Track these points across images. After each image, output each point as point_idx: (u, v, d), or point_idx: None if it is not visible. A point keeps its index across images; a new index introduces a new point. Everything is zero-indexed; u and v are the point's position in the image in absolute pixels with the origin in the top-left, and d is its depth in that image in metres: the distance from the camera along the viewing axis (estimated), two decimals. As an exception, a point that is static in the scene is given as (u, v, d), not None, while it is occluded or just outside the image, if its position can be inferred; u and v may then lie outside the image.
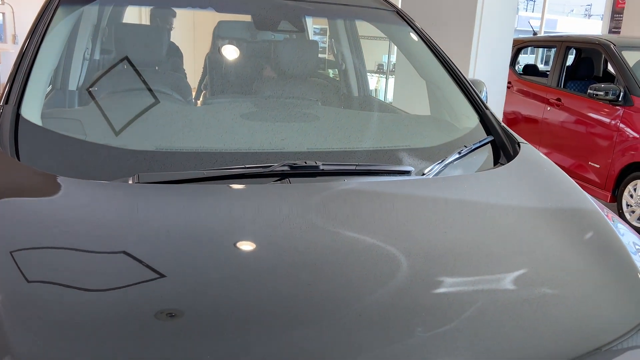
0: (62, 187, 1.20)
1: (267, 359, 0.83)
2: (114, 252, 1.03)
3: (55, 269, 0.98)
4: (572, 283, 1.12)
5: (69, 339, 0.83)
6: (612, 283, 1.15)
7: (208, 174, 1.27)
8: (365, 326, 0.91)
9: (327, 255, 1.09)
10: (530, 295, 1.05)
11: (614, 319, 1.04)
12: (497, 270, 1.11)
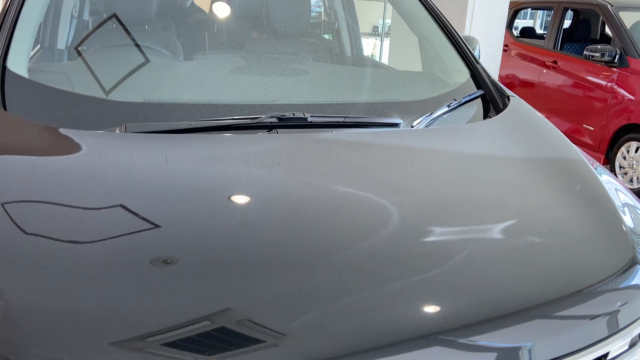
0: (52, 136, 1.20)
1: (260, 302, 0.85)
2: (105, 201, 1.04)
3: (46, 219, 0.99)
4: (558, 231, 1.14)
5: (65, 286, 0.85)
6: (596, 231, 1.17)
7: (195, 124, 1.27)
8: (355, 271, 0.92)
9: (317, 205, 1.10)
10: (517, 243, 1.07)
11: (597, 264, 1.06)
12: (485, 220, 1.13)
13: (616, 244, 1.13)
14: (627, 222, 1.21)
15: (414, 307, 0.88)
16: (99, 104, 1.33)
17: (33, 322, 0.79)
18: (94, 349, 0.76)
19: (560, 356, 0.88)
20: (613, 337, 0.94)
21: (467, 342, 0.85)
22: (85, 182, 1.10)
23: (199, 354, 0.77)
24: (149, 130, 1.24)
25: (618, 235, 1.16)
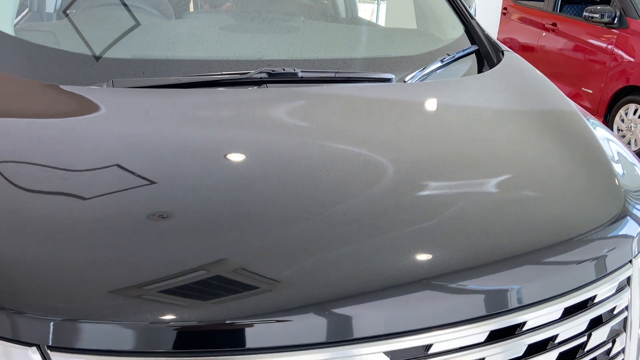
0: (43, 92, 1.19)
1: (255, 251, 0.86)
2: (97, 157, 1.04)
3: (36, 175, 0.98)
4: (550, 182, 1.14)
5: (61, 238, 0.85)
6: (588, 182, 1.17)
7: (184, 80, 1.25)
8: (349, 223, 0.93)
9: (312, 160, 1.10)
10: (509, 194, 1.07)
11: (588, 215, 1.07)
12: (478, 172, 1.13)
13: (607, 194, 1.13)
14: (619, 172, 1.21)
15: (406, 254, 0.88)
16: (86, 61, 1.32)
17: (31, 272, 0.80)
18: (92, 297, 0.77)
19: (548, 298, 0.89)
20: (600, 281, 0.95)
21: (456, 286, 0.86)
22: (75, 137, 1.09)
23: (196, 299, 0.78)
24: (136, 86, 1.22)
25: (609, 186, 1.16)
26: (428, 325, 0.82)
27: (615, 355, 0.97)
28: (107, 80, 1.23)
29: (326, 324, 0.79)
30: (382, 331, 0.81)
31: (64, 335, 0.75)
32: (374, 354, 0.79)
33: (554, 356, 0.90)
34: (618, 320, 0.98)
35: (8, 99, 1.19)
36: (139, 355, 0.75)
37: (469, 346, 0.84)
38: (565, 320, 0.91)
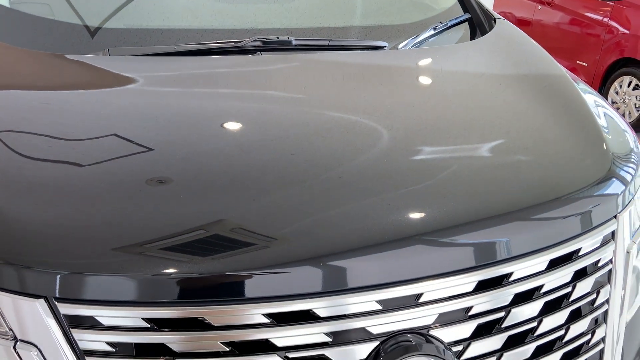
0: (37, 60, 1.21)
1: (253, 212, 0.88)
2: (94, 124, 1.06)
3: (38, 144, 1.01)
4: (540, 145, 1.16)
5: (69, 200, 0.88)
6: (577, 144, 1.20)
7: (179, 48, 1.27)
8: (345, 185, 0.96)
9: (307, 126, 1.12)
10: (500, 155, 1.11)
11: (575, 175, 1.10)
12: (470, 134, 1.16)
13: (595, 156, 1.16)
14: (606, 135, 1.24)
15: (399, 212, 0.92)
16: (82, 32, 1.33)
17: (39, 230, 0.83)
18: (96, 252, 0.80)
19: (534, 251, 0.93)
20: (585, 235, 0.99)
21: (446, 240, 0.90)
22: (72, 104, 1.11)
23: (195, 254, 0.81)
24: (132, 54, 1.24)
25: (597, 148, 1.19)
26: (419, 276, 0.86)
27: (600, 306, 1.01)
28: (103, 50, 1.25)
29: (323, 275, 0.83)
30: (375, 282, 0.84)
31: (70, 287, 0.78)
32: (368, 302, 0.83)
33: (539, 305, 0.94)
34: (602, 273, 1.02)
35: (6, 68, 1.21)
36: (141, 306, 0.78)
37: (458, 295, 0.88)
38: (551, 272, 0.94)
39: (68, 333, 0.78)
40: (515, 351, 0.91)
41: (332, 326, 0.82)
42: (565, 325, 0.97)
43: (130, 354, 0.79)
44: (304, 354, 0.81)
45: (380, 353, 0.83)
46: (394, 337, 0.84)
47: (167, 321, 0.79)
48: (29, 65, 1.21)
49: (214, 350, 0.79)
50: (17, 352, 0.78)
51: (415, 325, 0.85)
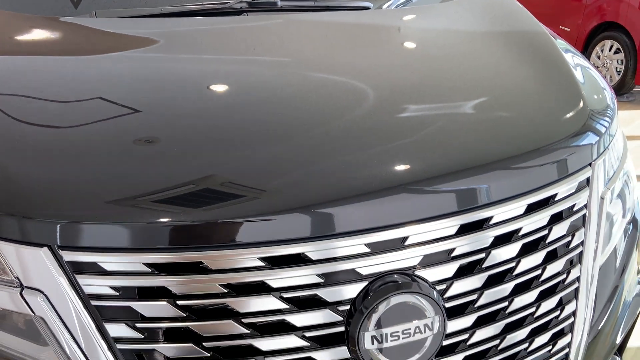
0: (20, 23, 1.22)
1: (247, 168, 0.92)
2: (81, 87, 1.09)
3: (36, 105, 1.03)
4: (521, 100, 1.21)
5: (69, 156, 0.91)
6: (555, 99, 1.25)
7: (165, 10, 1.29)
8: (332, 140, 0.99)
9: (295, 86, 1.15)
10: (480, 110, 1.15)
11: (553, 126, 1.15)
12: (452, 89, 1.20)
13: (572, 109, 1.21)
14: (583, 89, 1.29)
15: (386, 163, 0.96)
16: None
17: (41, 183, 0.87)
18: (96, 202, 0.84)
19: (512, 196, 0.98)
20: (561, 181, 1.04)
21: (430, 188, 0.94)
22: (59, 67, 1.13)
23: (192, 204, 0.85)
24: (118, 16, 1.25)
25: (574, 102, 1.24)
26: (404, 220, 0.91)
27: (574, 248, 1.07)
28: (89, 11, 1.26)
29: (313, 221, 0.87)
30: (363, 226, 0.89)
31: (73, 235, 0.82)
32: (356, 245, 0.88)
33: (517, 247, 0.99)
34: (577, 217, 1.07)
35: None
36: (142, 252, 0.83)
37: (441, 238, 0.93)
38: (528, 216, 1.00)
39: (72, 279, 0.82)
40: (495, 289, 0.97)
41: (323, 268, 0.87)
42: (542, 265, 1.02)
43: (133, 297, 0.83)
44: (297, 294, 0.86)
45: (369, 292, 0.88)
46: (381, 278, 0.89)
47: (167, 266, 0.83)
48: (19, 28, 1.22)
49: (213, 292, 0.84)
50: (24, 298, 0.82)
51: (402, 266, 0.90)
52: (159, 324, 0.84)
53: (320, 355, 0.88)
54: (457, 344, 0.97)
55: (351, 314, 0.88)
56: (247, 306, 0.85)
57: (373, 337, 0.87)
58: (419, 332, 0.89)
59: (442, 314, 0.91)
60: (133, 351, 0.84)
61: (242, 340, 0.85)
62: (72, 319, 0.82)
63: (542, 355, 1.06)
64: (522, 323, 1.02)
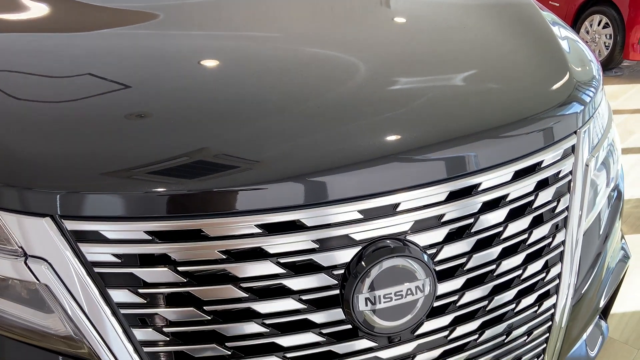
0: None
1: (243, 139, 0.93)
2: (78, 61, 1.10)
3: (23, 82, 1.05)
4: (509, 71, 1.23)
5: (65, 133, 0.92)
6: (542, 70, 1.27)
7: None
8: (323, 113, 1.01)
9: (285, 61, 1.17)
10: (470, 80, 1.17)
11: (541, 97, 1.17)
12: (441, 61, 1.22)
13: (558, 80, 1.24)
14: (570, 60, 1.32)
15: (378, 133, 0.98)
16: None
17: (42, 155, 0.88)
18: (97, 174, 0.86)
19: (500, 163, 1.01)
20: (547, 149, 1.07)
21: (420, 157, 0.97)
22: (53, 42, 1.14)
23: (191, 173, 0.87)
24: None
25: (560, 72, 1.26)
26: (396, 188, 0.93)
27: (560, 213, 1.11)
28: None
29: (308, 189, 0.89)
30: (356, 194, 0.91)
31: (75, 205, 0.84)
32: (350, 212, 0.91)
33: (505, 212, 1.03)
34: (562, 183, 1.11)
35: None
36: (143, 220, 0.85)
37: (431, 204, 0.96)
38: (515, 182, 1.03)
39: (75, 247, 0.84)
40: (483, 253, 1.01)
41: (318, 234, 0.90)
42: (528, 230, 1.06)
43: (135, 264, 0.86)
44: (293, 259, 0.89)
45: (362, 257, 0.92)
46: (374, 243, 0.93)
47: (167, 233, 0.86)
48: (11, 3, 1.22)
49: (212, 259, 0.87)
50: (28, 266, 0.85)
51: (394, 231, 0.94)
52: (160, 289, 0.87)
53: (316, 317, 0.92)
54: (447, 305, 1.01)
55: (345, 278, 0.91)
56: (245, 271, 0.88)
57: (367, 299, 0.91)
58: (411, 294, 0.93)
59: (433, 276, 0.95)
60: (136, 316, 0.87)
61: (241, 304, 0.89)
62: (76, 286, 0.85)
63: (528, 316, 1.10)
64: (509, 285, 1.06)
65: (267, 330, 0.91)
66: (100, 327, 0.86)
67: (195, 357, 0.89)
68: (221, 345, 0.89)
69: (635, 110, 4.14)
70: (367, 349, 0.96)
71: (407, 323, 0.95)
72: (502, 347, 1.09)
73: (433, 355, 1.02)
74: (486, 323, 1.06)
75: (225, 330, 0.89)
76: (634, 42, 4.19)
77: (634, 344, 1.97)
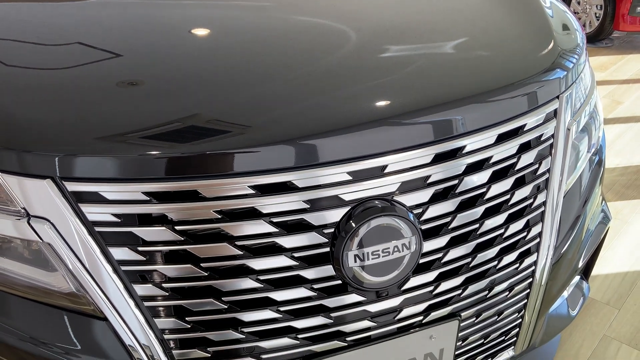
0: None
1: (237, 104, 0.96)
2: (74, 29, 1.12)
3: (31, 48, 1.08)
4: (494, 39, 1.26)
5: (65, 98, 0.95)
6: (527, 38, 1.30)
7: None
8: (314, 81, 1.04)
9: (276, 30, 1.19)
10: (459, 50, 1.19)
11: (525, 63, 1.20)
12: (430, 29, 1.25)
13: (542, 47, 1.27)
14: (554, 29, 1.35)
15: (366, 99, 1.01)
16: None
17: (43, 120, 0.92)
18: (96, 137, 0.89)
19: (484, 127, 1.05)
20: (530, 113, 1.11)
21: (407, 120, 1.00)
22: (48, 9, 1.16)
23: (187, 136, 0.91)
24: None
25: (545, 40, 1.29)
26: (384, 150, 0.97)
27: (541, 175, 1.15)
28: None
29: (299, 152, 0.93)
30: (345, 156, 0.95)
31: (75, 167, 0.87)
32: (339, 173, 0.94)
33: (488, 174, 1.07)
34: (544, 146, 1.15)
35: None
36: (141, 181, 0.88)
37: (418, 166, 0.99)
38: (499, 145, 1.07)
39: (76, 207, 0.88)
40: (467, 213, 1.06)
41: (308, 195, 0.94)
42: (511, 190, 1.11)
43: (134, 223, 0.90)
44: (285, 218, 0.94)
45: (351, 216, 0.96)
46: (362, 203, 0.97)
47: (165, 194, 0.89)
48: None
49: (208, 218, 0.91)
50: (31, 226, 0.89)
51: (381, 192, 0.98)
52: (159, 247, 0.91)
53: (308, 273, 0.97)
54: (432, 262, 1.06)
55: (335, 236, 0.96)
56: (240, 230, 0.92)
57: (356, 256, 0.96)
58: (397, 251, 0.98)
59: (419, 234, 0.99)
60: (136, 272, 0.92)
61: (236, 261, 0.93)
62: (77, 244, 0.89)
63: (510, 272, 1.16)
64: (491, 243, 1.11)
65: (262, 286, 0.95)
66: (102, 284, 0.90)
67: (193, 311, 0.94)
68: (218, 300, 0.94)
69: (624, 81, 4.18)
70: (356, 302, 1.02)
71: (394, 278, 1.00)
72: (484, 301, 1.15)
73: (419, 309, 1.08)
74: (469, 279, 1.11)
75: (222, 285, 0.94)
76: (624, 12, 4.21)
77: (615, 304, 2.05)
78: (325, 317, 1.01)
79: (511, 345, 1.30)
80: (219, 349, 0.97)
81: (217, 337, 0.96)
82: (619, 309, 2.03)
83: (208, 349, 0.97)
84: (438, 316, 1.11)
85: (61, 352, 0.96)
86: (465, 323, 1.15)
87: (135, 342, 0.93)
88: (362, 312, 1.03)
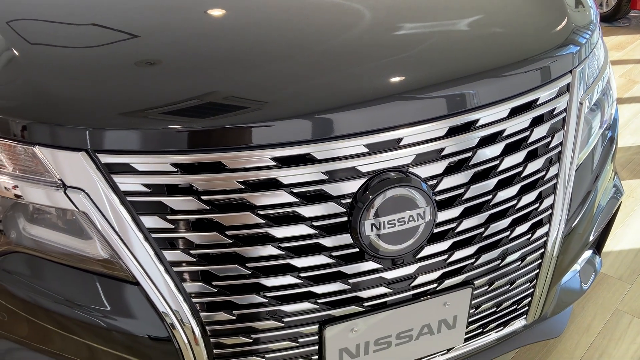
0: None
1: (259, 81, 1.00)
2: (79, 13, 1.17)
3: (33, 31, 1.14)
4: (508, 16, 1.28)
5: (87, 81, 1.00)
6: (541, 12, 1.32)
7: None
8: (330, 59, 1.07)
9: (292, 10, 1.22)
10: (473, 27, 1.22)
11: (539, 38, 1.22)
12: (443, 6, 1.27)
13: (556, 23, 1.28)
14: (569, 3, 1.36)
15: (382, 74, 1.04)
16: None
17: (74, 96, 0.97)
18: (129, 111, 0.94)
19: (497, 100, 1.08)
20: (543, 87, 1.14)
21: (423, 95, 1.03)
22: None
23: (211, 110, 0.95)
24: None
25: (559, 16, 1.31)
26: (399, 123, 1.01)
27: (553, 148, 1.18)
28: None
29: (318, 125, 0.97)
30: (362, 129, 0.99)
31: (108, 140, 0.93)
32: (356, 146, 0.98)
33: (501, 147, 1.10)
34: (557, 120, 1.17)
35: None
36: (169, 154, 0.93)
37: (432, 139, 1.03)
38: (512, 119, 1.10)
39: (108, 178, 0.93)
40: (480, 184, 1.09)
41: (327, 166, 0.98)
42: (523, 163, 1.14)
43: (163, 193, 0.95)
44: (305, 189, 0.98)
45: (368, 187, 1.00)
46: (379, 175, 1.01)
47: (191, 166, 0.94)
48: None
49: (231, 189, 0.96)
50: (68, 196, 0.94)
51: (397, 164, 1.02)
52: (186, 215, 0.96)
53: (326, 242, 1.02)
54: (446, 232, 1.10)
55: (353, 206, 1.00)
56: (262, 200, 0.97)
57: (372, 225, 1.00)
58: (413, 220, 1.02)
59: (433, 205, 1.03)
60: (165, 239, 0.97)
61: (259, 229, 0.98)
62: (110, 213, 0.95)
63: (522, 243, 1.20)
64: (504, 214, 1.15)
65: (283, 253, 1.00)
66: (134, 250, 0.96)
67: (219, 276, 0.99)
68: (242, 266, 0.99)
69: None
70: (372, 270, 1.06)
71: (409, 247, 1.04)
72: (497, 270, 1.19)
73: (433, 277, 1.12)
74: (482, 248, 1.15)
75: (245, 252, 0.99)
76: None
77: (628, 279, 2.08)
78: (343, 283, 1.06)
79: (523, 314, 1.34)
80: (243, 312, 1.03)
81: (241, 301, 1.02)
82: (631, 284, 2.05)
83: (233, 312, 1.02)
84: (452, 284, 1.15)
85: (97, 315, 1.03)
86: (478, 291, 1.19)
87: (165, 304, 0.99)
88: (378, 279, 1.07)
